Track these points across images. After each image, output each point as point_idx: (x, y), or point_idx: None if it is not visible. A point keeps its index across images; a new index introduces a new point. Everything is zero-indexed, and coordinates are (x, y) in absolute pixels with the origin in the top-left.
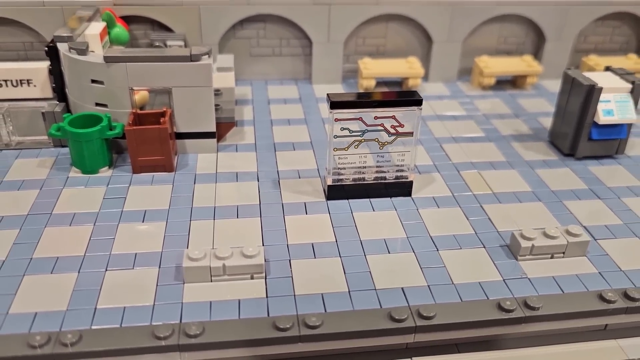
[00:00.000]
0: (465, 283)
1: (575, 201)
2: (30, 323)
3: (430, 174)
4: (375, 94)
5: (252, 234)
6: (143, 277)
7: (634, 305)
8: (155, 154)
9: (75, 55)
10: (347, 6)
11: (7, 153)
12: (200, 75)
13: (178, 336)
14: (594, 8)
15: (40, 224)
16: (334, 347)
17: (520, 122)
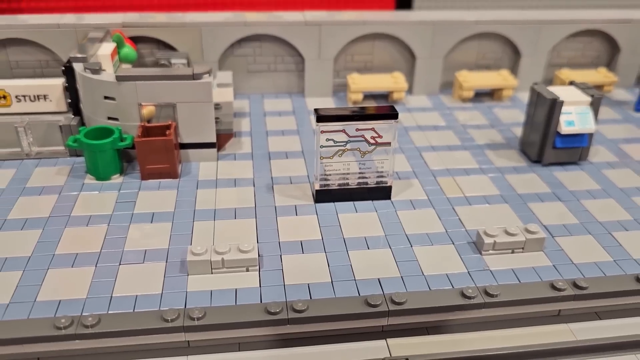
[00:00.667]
0: (434, 274)
1: (538, 203)
2: (55, 309)
3: (409, 180)
4: (358, 109)
5: (247, 232)
6: (152, 270)
7: (582, 293)
8: (161, 163)
9: (89, 74)
10: (336, 26)
11: (28, 162)
12: (202, 92)
13: (183, 319)
14: (566, 26)
15: (60, 224)
16: (318, 329)
17: (495, 132)
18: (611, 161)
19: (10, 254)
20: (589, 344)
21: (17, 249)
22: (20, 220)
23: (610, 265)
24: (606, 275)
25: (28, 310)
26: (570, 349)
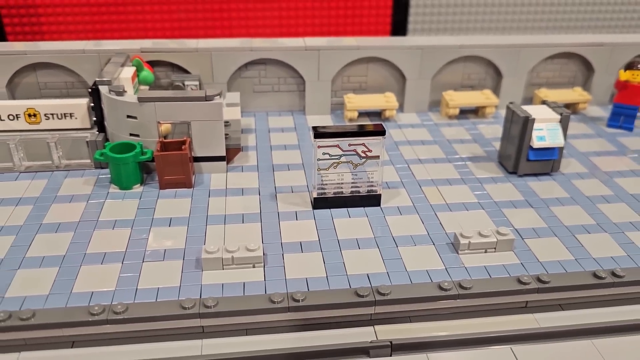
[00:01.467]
0: (416, 270)
1: (511, 209)
2: (89, 299)
3: (397, 189)
4: (350, 126)
5: (253, 234)
6: (171, 266)
7: (544, 287)
8: (177, 174)
9: (114, 96)
10: (334, 51)
11: (58, 173)
12: (214, 112)
13: (199, 307)
14: (544, 49)
15: (89, 228)
16: (314, 317)
17: (477, 146)
18: (581, 172)
19: (47, 253)
20: (549, 330)
21: (53, 248)
22: (54, 224)
23: (571, 263)
24: (567, 271)
25: (65, 300)
26: (533, 335)
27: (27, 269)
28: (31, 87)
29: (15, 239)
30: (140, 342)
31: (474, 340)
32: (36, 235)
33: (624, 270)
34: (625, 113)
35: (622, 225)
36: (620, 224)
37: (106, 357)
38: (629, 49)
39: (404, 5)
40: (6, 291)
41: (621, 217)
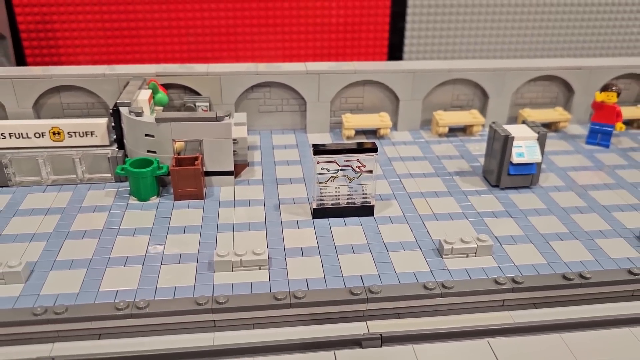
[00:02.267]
0: (404, 272)
1: (492, 219)
2: (114, 296)
3: (389, 201)
4: (346, 144)
5: (259, 240)
6: (186, 268)
7: (518, 287)
8: (190, 187)
9: (133, 116)
10: (332, 74)
11: (81, 186)
12: (223, 131)
13: (211, 304)
14: (527, 72)
15: (112, 235)
16: (313, 312)
17: (464, 161)
18: (558, 185)
19: (75, 256)
20: (521, 325)
21: (81, 253)
22: (80, 232)
23: (544, 266)
24: (540, 273)
25: (94, 297)
26: (507, 329)
27: (58, 271)
28: (55, 107)
29: (46, 245)
30: (159, 334)
31: (454, 334)
32: (65, 241)
33: (591, 272)
34: (601, 131)
35: (592, 233)
36: (591, 232)
37: (129, 348)
38: (605, 72)
39: (400, 32)
40: (41, 289)
41: (592, 226)
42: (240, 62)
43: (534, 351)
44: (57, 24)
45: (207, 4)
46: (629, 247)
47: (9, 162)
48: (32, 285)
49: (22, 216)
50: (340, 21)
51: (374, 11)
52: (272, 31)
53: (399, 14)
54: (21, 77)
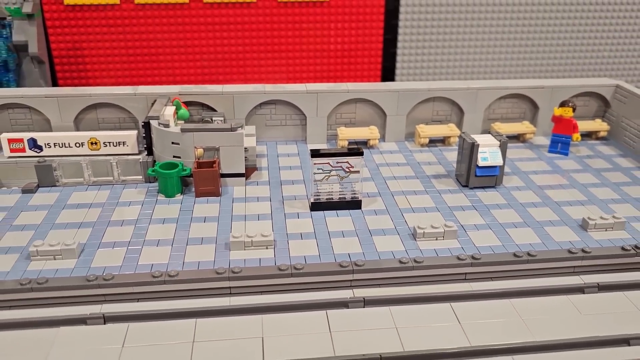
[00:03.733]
0: (384, 251)
1: (460, 212)
2: (150, 268)
3: (375, 197)
4: (338, 149)
5: (266, 227)
6: (207, 248)
7: (476, 262)
8: (209, 186)
9: (162, 127)
10: (329, 93)
11: (117, 186)
12: (236, 139)
13: (228, 273)
14: (497, 91)
15: (145, 223)
16: (309, 281)
17: (441, 167)
18: (519, 185)
19: (117, 239)
20: (479, 292)
21: (121, 236)
22: (119, 221)
23: (499, 247)
24: (495, 252)
25: (134, 269)
26: (467, 295)
27: (104, 249)
28: (92, 121)
29: (92, 231)
30: (187, 298)
31: (423, 298)
32: (107, 228)
33: (537, 251)
34: (561, 141)
35: (542, 222)
36: (541, 222)
37: (162, 307)
38: (565, 91)
39: (392, 56)
40: (91, 263)
41: (543, 217)
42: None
43: (487, 312)
44: (86, 51)
45: (219, 32)
46: (572, 233)
47: (57, 165)
48: (84, 260)
49: (70, 209)
50: (338, 47)
51: (368, 38)
52: (277, 57)
53: (390, 40)
54: (65, 95)
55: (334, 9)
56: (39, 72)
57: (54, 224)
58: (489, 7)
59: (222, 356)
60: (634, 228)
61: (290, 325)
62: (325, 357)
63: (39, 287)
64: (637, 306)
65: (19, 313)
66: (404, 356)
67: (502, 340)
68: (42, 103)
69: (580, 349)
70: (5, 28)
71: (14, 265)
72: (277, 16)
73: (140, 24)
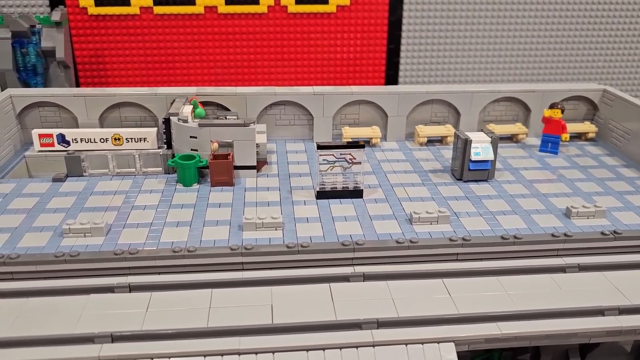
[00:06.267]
0: (383, 233)
1: (454, 201)
2: (171, 245)
3: (376, 189)
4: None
5: (276, 211)
6: (223, 229)
7: (467, 243)
8: (224, 176)
9: (181, 123)
10: (334, 95)
11: (139, 177)
12: (249, 134)
13: (241, 250)
14: (491, 94)
15: (166, 207)
16: (315, 258)
17: (438, 163)
18: (510, 180)
19: (139, 221)
20: (469, 269)
21: (144, 218)
22: (142, 206)
23: (488, 231)
24: (484, 235)
25: (156, 245)
26: (457, 272)
27: (128, 229)
28: (115, 119)
29: (117, 214)
30: (204, 272)
31: (418, 274)
32: (131, 211)
33: (522, 235)
34: (551, 141)
35: (529, 210)
36: (528, 210)
37: (182, 279)
38: (555, 95)
39: (395, 65)
40: (117, 240)
41: (530, 206)
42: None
43: (476, 288)
44: (107, 57)
45: (232, 41)
46: (556, 220)
47: (85, 157)
48: (111, 238)
49: (97, 196)
50: (344, 56)
51: (373, 48)
52: (286, 64)
53: (394, 50)
54: (91, 95)
55: (340, 20)
56: (64, 76)
57: (83, 207)
58: (484, 19)
59: (235, 318)
60: (614, 216)
61: (297, 295)
62: (327, 320)
63: (71, 259)
64: (613, 284)
65: (54, 282)
66: (399, 321)
67: (488, 309)
68: (70, 102)
69: (558, 319)
70: (35, 35)
71: (49, 241)
72: (287, 26)
73: (158, 33)
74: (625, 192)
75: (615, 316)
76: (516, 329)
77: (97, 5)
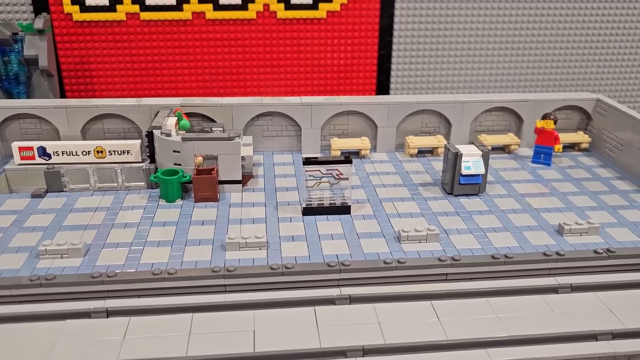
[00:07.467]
0: (370, 252)
1: (444, 217)
2: (151, 267)
3: (364, 204)
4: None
5: (261, 230)
6: (205, 249)
7: (456, 263)
8: (208, 192)
9: (164, 137)
10: (323, 106)
11: (121, 192)
12: (233, 148)
13: (223, 272)
14: (482, 104)
15: (147, 226)
16: (299, 280)
17: (428, 175)
18: (502, 193)
19: (119, 240)
20: (457, 291)
21: (123, 238)
22: (123, 223)
23: (478, 250)
24: (474, 254)
25: (135, 267)
26: (445, 294)
27: (108, 249)
28: (98, 131)
29: (97, 232)
30: (184, 295)
31: (405, 297)
32: (111, 230)
33: (513, 254)
34: (543, 152)
35: (521, 227)
36: (520, 227)
37: (162, 303)
38: (548, 104)
39: (387, 71)
40: (96, 262)
41: (522, 222)
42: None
43: (465, 310)
44: (93, 64)
45: (220, 47)
46: (548, 237)
47: (65, 172)
48: (89, 259)
49: (76, 213)
50: (335, 62)
51: (364, 54)
52: (276, 71)
53: (385, 56)
54: (73, 107)
55: (331, 26)
56: (48, 84)
57: (62, 226)
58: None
59: (215, 346)
60: (608, 233)
61: (280, 320)
62: (311, 348)
63: (47, 282)
64: (607, 305)
65: (29, 307)
66: (385, 348)
67: (477, 335)
68: (51, 113)
69: (550, 344)
70: (17, 43)
71: (24, 263)
72: (276, 32)
73: (145, 40)
74: (619, 207)
75: (608, 341)
76: (506, 356)
77: (82, 12)
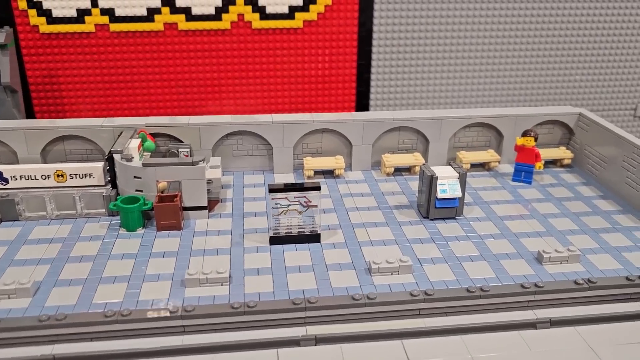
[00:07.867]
0: (338, 287)
1: (418, 244)
2: (104, 307)
3: (335, 230)
4: (295, 184)
5: (224, 262)
6: (163, 284)
7: (429, 298)
8: (171, 220)
9: (125, 162)
10: (294, 124)
11: (80, 220)
12: (198, 173)
13: (181, 312)
14: (461, 120)
15: (104, 259)
16: (262, 319)
17: (404, 197)
18: (479, 216)
19: (73, 277)
20: (430, 329)
21: (78, 273)
22: (78, 257)
23: (453, 282)
24: (448, 287)
25: (87, 307)
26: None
27: (59, 287)
28: (59, 153)
29: (50, 267)
30: (140, 337)
31: (374, 336)
32: (65, 264)
33: (490, 286)
34: (524, 170)
35: (498, 255)
36: (497, 254)
37: (116, 347)
38: (529, 119)
39: (366, 81)
40: (45, 302)
41: (500, 249)
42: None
43: (438, 350)
44: (62, 78)
45: (194, 59)
46: (527, 266)
47: (20, 200)
48: (38, 299)
49: (30, 245)
50: (313, 73)
51: (342, 64)
52: (252, 82)
53: (364, 66)
54: (32, 128)
55: (308, 36)
56: (11, 101)
57: (13, 260)
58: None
59: None
60: (589, 260)
61: None
62: None
63: None
64: (587, 342)
65: None
66: None
67: None
68: (8, 135)
69: None
70: None
71: None
72: (252, 43)
73: (115, 52)
74: (601, 230)
75: None
76: None
77: (49, 23)
